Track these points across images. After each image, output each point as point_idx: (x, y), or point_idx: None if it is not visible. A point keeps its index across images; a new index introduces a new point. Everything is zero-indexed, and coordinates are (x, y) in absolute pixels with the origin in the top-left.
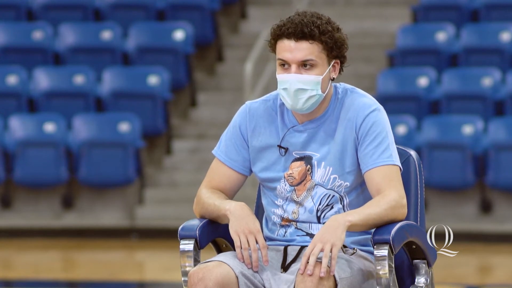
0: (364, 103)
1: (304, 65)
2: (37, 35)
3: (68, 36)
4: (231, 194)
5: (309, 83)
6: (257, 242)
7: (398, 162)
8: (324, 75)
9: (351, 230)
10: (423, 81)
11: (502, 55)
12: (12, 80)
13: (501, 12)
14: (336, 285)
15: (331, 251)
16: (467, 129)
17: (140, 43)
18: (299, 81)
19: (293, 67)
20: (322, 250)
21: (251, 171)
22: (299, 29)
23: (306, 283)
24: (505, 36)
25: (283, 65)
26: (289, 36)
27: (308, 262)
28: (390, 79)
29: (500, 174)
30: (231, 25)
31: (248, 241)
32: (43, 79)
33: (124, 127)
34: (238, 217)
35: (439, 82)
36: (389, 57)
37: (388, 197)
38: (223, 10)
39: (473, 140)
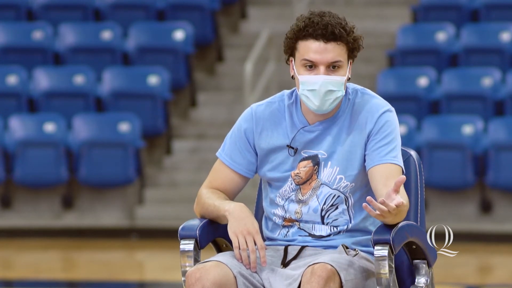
0: (378, 104)
1: (332, 66)
2: (37, 35)
3: (68, 36)
4: (232, 196)
5: (337, 84)
6: (255, 243)
7: (402, 165)
8: (347, 75)
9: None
10: (423, 81)
11: (502, 55)
12: (12, 80)
13: (501, 12)
14: (341, 286)
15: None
16: (467, 129)
17: (140, 43)
18: (329, 83)
19: (322, 68)
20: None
21: (254, 173)
22: (329, 30)
23: (312, 284)
24: (505, 36)
25: (308, 66)
26: (317, 37)
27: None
28: (390, 79)
29: (500, 174)
30: (231, 25)
31: (246, 242)
32: (43, 79)
33: (124, 127)
34: (237, 218)
35: (439, 82)
36: (389, 57)
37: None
38: (223, 10)
39: (473, 140)
